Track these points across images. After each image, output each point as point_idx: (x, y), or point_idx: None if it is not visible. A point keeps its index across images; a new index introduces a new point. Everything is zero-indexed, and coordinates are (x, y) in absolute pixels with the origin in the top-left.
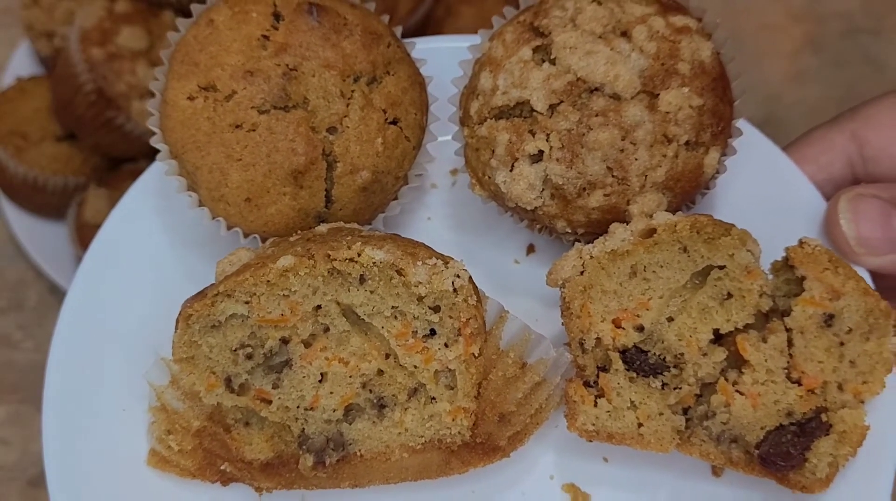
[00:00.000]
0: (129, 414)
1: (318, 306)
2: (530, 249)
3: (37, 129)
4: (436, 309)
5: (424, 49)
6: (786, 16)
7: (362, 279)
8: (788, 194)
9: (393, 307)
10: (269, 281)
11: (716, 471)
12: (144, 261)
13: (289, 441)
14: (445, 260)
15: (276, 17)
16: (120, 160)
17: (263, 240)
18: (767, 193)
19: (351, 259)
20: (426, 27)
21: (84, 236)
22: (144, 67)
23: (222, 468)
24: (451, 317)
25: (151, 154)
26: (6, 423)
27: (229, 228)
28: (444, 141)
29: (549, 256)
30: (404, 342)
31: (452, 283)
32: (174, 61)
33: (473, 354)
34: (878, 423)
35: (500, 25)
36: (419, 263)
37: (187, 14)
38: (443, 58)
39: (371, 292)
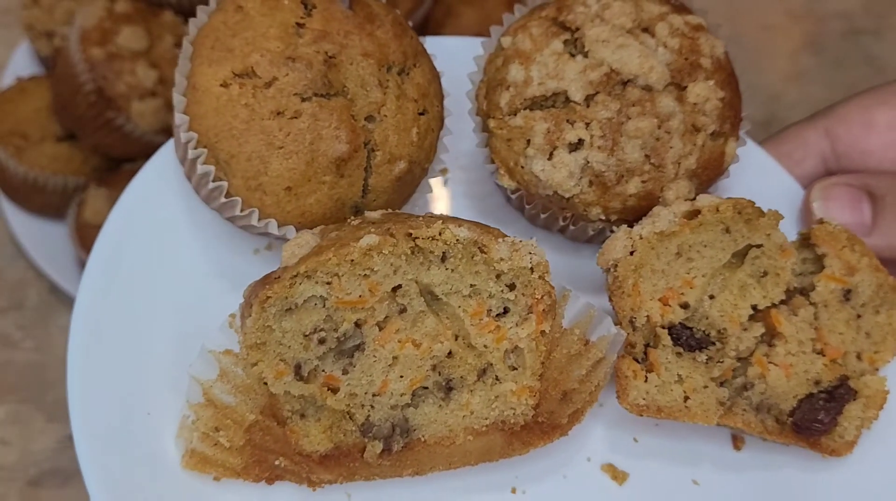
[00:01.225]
0: (153, 417)
1: (397, 287)
2: None
3: (37, 129)
4: (511, 287)
5: (430, 46)
6: (786, 16)
7: (444, 257)
8: (767, 184)
9: (471, 286)
10: (352, 261)
11: (736, 444)
12: (151, 257)
13: (348, 431)
14: (519, 239)
15: (305, 4)
16: (120, 160)
17: (297, 231)
18: (747, 183)
19: (433, 237)
20: (425, 28)
21: (84, 236)
22: (144, 67)
23: (276, 463)
24: (524, 295)
25: (152, 154)
26: (6, 423)
27: (262, 218)
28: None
29: (547, 248)
30: (478, 321)
31: (530, 260)
32: (202, 47)
33: (544, 331)
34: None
35: (510, 22)
36: (500, 240)
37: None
38: (446, 55)
39: (451, 270)
